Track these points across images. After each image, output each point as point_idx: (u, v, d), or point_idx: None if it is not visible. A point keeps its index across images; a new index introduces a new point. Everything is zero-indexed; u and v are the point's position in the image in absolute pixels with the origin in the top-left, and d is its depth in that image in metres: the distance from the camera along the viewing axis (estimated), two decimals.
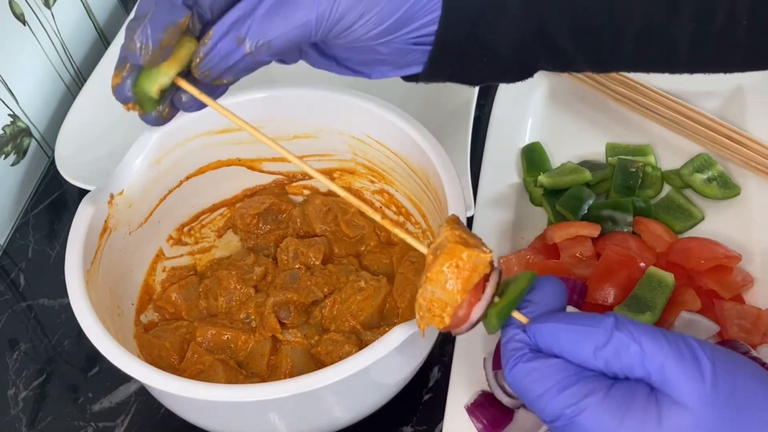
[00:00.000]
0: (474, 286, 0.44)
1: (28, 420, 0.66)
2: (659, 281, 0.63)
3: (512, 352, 0.43)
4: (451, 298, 0.44)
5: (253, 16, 0.43)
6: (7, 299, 0.74)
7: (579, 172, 0.72)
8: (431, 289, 0.44)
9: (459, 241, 0.44)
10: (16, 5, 0.78)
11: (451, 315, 0.44)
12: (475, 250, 0.44)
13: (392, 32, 0.45)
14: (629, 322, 0.41)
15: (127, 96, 0.45)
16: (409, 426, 0.63)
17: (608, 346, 0.41)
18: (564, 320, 0.43)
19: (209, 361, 0.60)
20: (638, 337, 0.41)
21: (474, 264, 0.44)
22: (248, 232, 0.69)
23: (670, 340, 0.41)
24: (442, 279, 0.44)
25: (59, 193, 0.82)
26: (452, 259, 0.44)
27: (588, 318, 0.42)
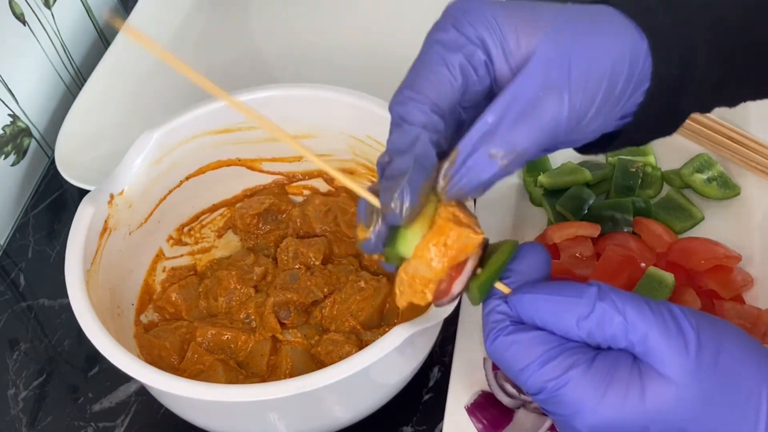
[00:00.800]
0: (458, 262, 0.43)
1: (28, 420, 0.66)
2: (659, 281, 0.63)
3: (493, 324, 0.43)
4: (434, 276, 0.43)
5: (501, 127, 0.41)
6: (7, 299, 0.74)
7: (579, 172, 0.72)
8: (415, 265, 0.43)
9: (451, 219, 0.42)
10: (16, 5, 0.78)
11: (433, 291, 0.43)
12: (466, 230, 0.42)
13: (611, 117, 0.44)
14: (612, 292, 0.41)
15: (376, 250, 0.44)
16: (409, 426, 0.63)
17: (591, 317, 0.40)
18: (546, 290, 0.42)
19: (209, 361, 0.60)
20: (622, 308, 0.40)
21: (463, 244, 0.42)
22: (248, 232, 0.69)
23: (655, 310, 0.40)
24: (428, 256, 0.42)
25: (59, 193, 0.82)
26: (441, 236, 0.42)
27: (570, 288, 0.41)
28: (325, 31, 0.89)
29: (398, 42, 0.87)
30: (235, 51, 0.89)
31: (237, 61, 0.88)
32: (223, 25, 0.92)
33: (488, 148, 0.41)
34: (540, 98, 0.41)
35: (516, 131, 0.41)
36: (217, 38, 0.90)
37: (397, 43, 0.87)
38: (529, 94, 0.41)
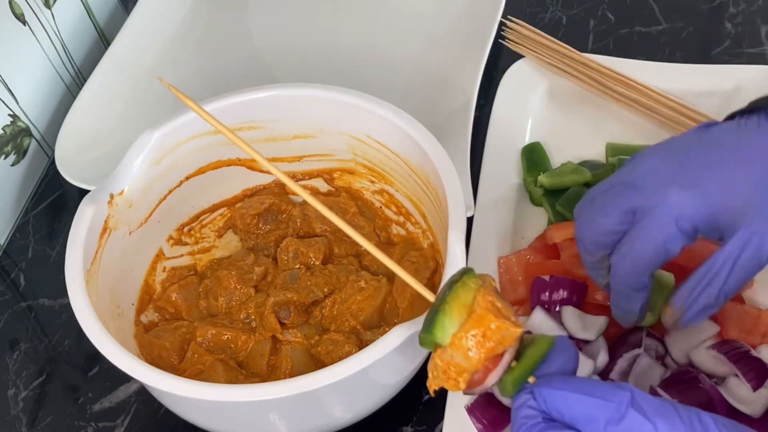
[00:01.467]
0: (496, 354, 0.43)
1: (28, 420, 0.66)
2: (660, 282, 0.63)
3: (524, 420, 0.42)
4: (470, 366, 0.42)
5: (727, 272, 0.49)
6: (7, 299, 0.74)
7: (579, 172, 0.72)
8: (451, 353, 0.43)
9: (490, 309, 0.42)
10: (16, 5, 0.78)
11: (467, 381, 0.43)
12: (506, 323, 0.42)
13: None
14: (643, 400, 0.41)
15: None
16: (409, 426, 0.63)
17: (622, 424, 0.40)
18: (577, 388, 0.42)
19: (209, 361, 0.60)
20: (652, 417, 0.40)
21: (501, 336, 0.42)
22: (248, 232, 0.69)
23: (685, 420, 0.40)
24: (465, 346, 0.42)
25: (59, 193, 0.82)
26: (480, 327, 0.42)
27: (602, 388, 0.41)
28: (325, 31, 0.89)
29: (398, 42, 0.87)
30: (235, 51, 0.89)
31: (237, 61, 0.88)
32: (223, 25, 0.92)
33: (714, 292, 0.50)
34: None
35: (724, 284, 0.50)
36: (217, 38, 0.90)
37: (397, 43, 0.87)
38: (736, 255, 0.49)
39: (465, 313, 0.43)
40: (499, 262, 0.68)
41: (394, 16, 0.89)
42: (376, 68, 0.85)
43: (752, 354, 0.59)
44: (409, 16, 0.89)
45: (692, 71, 0.79)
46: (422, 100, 0.80)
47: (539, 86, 0.80)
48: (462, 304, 0.43)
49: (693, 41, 0.86)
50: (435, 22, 0.88)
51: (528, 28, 0.83)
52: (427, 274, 0.63)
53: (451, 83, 0.80)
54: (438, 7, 0.89)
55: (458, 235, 0.55)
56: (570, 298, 0.63)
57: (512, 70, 0.80)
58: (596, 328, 0.62)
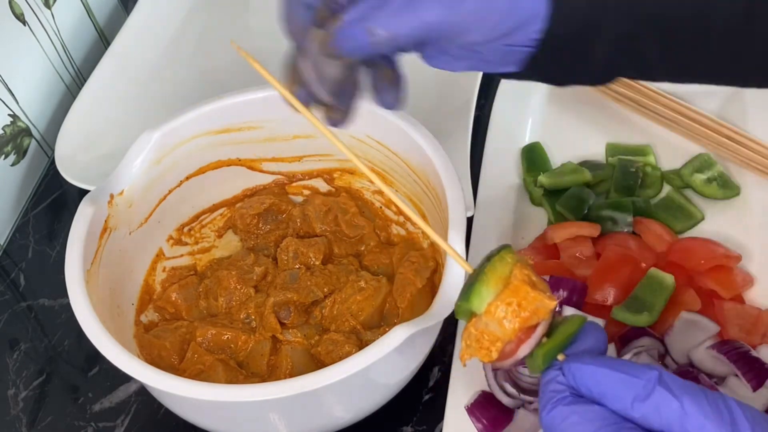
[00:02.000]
0: (529, 326, 0.43)
1: (28, 420, 0.66)
2: (659, 283, 0.63)
3: (552, 394, 0.43)
4: (504, 334, 0.43)
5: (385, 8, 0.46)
6: (7, 299, 0.74)
7: (579, 172, 0.72)
8: (486, 321, 0.43)
9: (526, 281, 0.43)
10: (16, 5, 0.78)
11: (500, 350, 0.44)
12: (541, 295, 0.43)
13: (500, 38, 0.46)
14: (672, 379, 0.41)
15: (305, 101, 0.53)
16: (409, 426, 0.63)
17: (648, 401, 0.40)
18: (607, 365, 0.42)
19: (209, 361, 0.60)
20: (680, 396, 0.40)
21: (536, 308, 0.43)
22: (248, 232, 0.69)
23: (711, 401, 0.40)
24: (500, 314, 0.43)
25: (59, 193, 0.82)
26: (516, 297, 0.43)
27: (631, 366, 0.42)
28: None
29: None
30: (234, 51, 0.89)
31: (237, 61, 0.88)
32: (222, 25, 0.92)
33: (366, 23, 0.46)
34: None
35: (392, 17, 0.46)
36: (216, 38, 0.90)
37: None
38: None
39: (501, 284, 0.44)
40: None
41: None
42: None
43: (752, 354, 0.59)
44: None
45: None
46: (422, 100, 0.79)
47: (539, 86, 0.80)
48: (499, 276, 0.44)
49: None
50: None
51: None
52: (427, 274, 0.63)
53: (451, 83, 0.80)
54: None
55: (458, 235, 0.55)
56: (570, 298, 0.63)
57: None
58: None
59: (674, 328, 0.62)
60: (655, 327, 0.63)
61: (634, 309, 0.63)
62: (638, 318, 0.62)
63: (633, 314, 0.62)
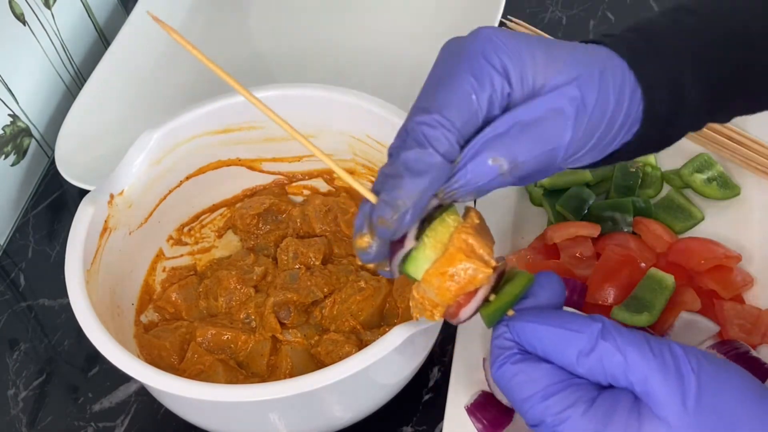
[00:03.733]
0: (468, 291, 0.43)
1: (28, 420, 0.66)
2: (659, 282, 0.63)
3: (500, 350, 0.43)
4: (442, 301, 0.44)
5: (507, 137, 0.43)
6: (7, 299, 0.74)
7: (579, 172, 0.72)
8: (425, 288, 0.44)
9: (463, 248, 0.43)
10: (16, 5, 0.78)
11: (441, 313, 0.44)
12: (477, 263, 0.43)
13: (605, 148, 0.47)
14: (616, 330, 0.41)
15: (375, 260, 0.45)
16: (409, 426, 0.63)
17: (592, 354, 0.41)
18: (549, 321, 0.42)
19: (209, 361, 0.60)
20: (623, 347, 0.40)
21: (472, 276, 0.43)
22: (248, 232, 0.69)
23: (656, 351, 0.40)
24: (436, 283, 0.43)
25: (59, 193, 0.82)
26: (449, 266, 0.43)
27: (575, 321, 0.42)
28: (325, 31, 0.89)
29: (398, 42, 0.87)
30: (235, 51, 0.89)
31: (237, 61, 0.88)
32: (223, 25, 0.92)
33: (490, 154, 0.43)
34: (548, 121, 0.43)
35: (519, 143, 0.43)
36: (217, 38, 0.90)
37: (397, 43, 0.87)
38: (539, 115, 0.43)
39: (440, 250, 0.44)
40: None
41: (395, 16, 0.89)
42: (376, 68, 0.85)
43: (752, 354, 0.59)
44: (409, 16, 0.89)
45: None
46: None
47: None
48: (438, 241, 0.44)
49: None
50: (435, 22, 0.88)
51: (528, 28, 0.83)
52: None
53: None
54: (438, 7, 0.89)
55: None
56: (570, 298, 0.63)
57: None
58: None
59: (674, 328, 0.62)
60: (655, 327, 0.63)
61: (634, 309, 0.63)
62: (638, 318, 0.62)
63: (633, 314, 0.62)
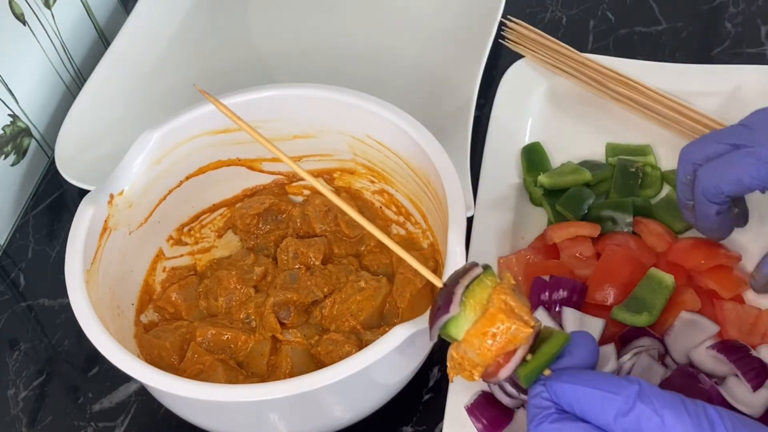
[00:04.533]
0: (508, 351, 0.44)
1: (28, 420, 0.66)
2: (659, 282, 0.63)
3: (537, 410, 0.44)
4: (482, 361, 0.45)
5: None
6: (7, 299, 0.74)
7: (579, 172, 0.72)
8: (465, 348, 0.45)
9: (503, 308, 0.44)
10: (16, 5, 0.78)
11: (481, 373, 0.45)
12: (517, 323, 0.44)
13: None
14: (652, 392, 0.42)
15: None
16: (409, 426, 0.63)
17: (629, 415, 0.41)
18: (587, 382, 0.43)
19: (209, 361, 0.60)
20: (660, 410, 0.41)
21: (512, 336, 0.44)
22: (248, 232, 0.69)
23: (692, 413, 0.41)
24: (477, 343, 0.44)
25: (59, 193, 0.82)
26: (491, 326, 0.44)
27: (612, 382, 0.42)
28: (325, 32, 0.89)
29: (398, 42, 0.87)
30: (235, 51, 0.89)
31: (237, 61, 0.88)
32: (223, 25, 0.92)
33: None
34: None
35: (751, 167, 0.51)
36: (217, 38, 0.90)
37: (397, 43, 0.87)
38: None
39: (480, 311, 0.45)
40: (499, 262, 0.68)
41: (394, 16, 0.89)
42: (375, 68, 0.85)
43: (752, 354, 0.59)
44: (409, 16, 0.89)
45: (692, 71, 0.79)
46: (422, 100, 0.80)
47: (539, 86, 0.80)
48: (477, 302, 0.45)
49: (693, 41, 0.86)
50: (435, 22, 0.88)
51: (528, 28, 0.83)
52: None
53: (451, 83, 0.80)
54: (438, 7, 0.89)
55: (458, 235, 0.55)
56: (570, 298, 0.63)
57: (512, 70, 0.80)
58: (596, 331, 0.62)
59: (674, 328, 0.62)
60: (655, 327, 0.63)
61: (634, 309, 0.63)
62: (638, 318, 0.62)
63: (633, 314, 0.62)
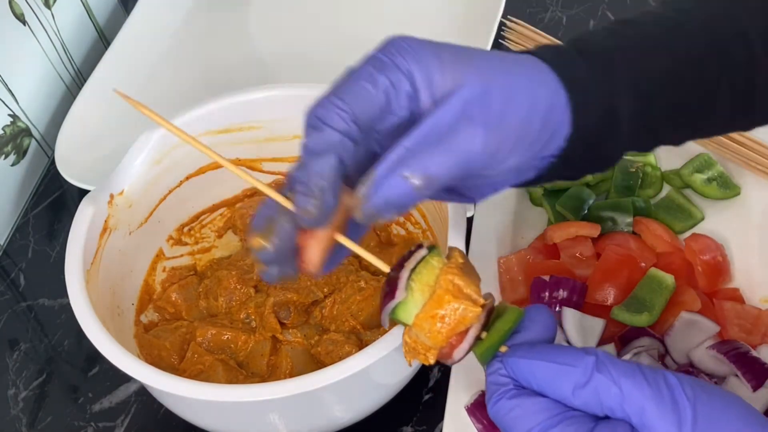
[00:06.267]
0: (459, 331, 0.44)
1: (28, 420, 0.66)
2: (659, 282, 0.63)
3: (496, 387, 0.43)
4: (434, 344, 0.44)
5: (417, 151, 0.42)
6: (7, 299, 0.74)
7: None
8: (416, 332, 0.44)
9: (450, 289, 0.43)
10: (16, 5, 0.78)
11: (435, 356, 0.45)
12: (465, 302, 0.43)
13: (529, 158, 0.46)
14: (610, 362, 0.41)
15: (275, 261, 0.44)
16: (409, 426, 0.63)
17: (587, 387, 0.41)
18: (543, 356, 0.42)
19: (209, 361, 0.60)
20: (618, 379, 0.41)
21: (461, 316, 0.43)
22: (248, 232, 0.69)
23: (651, 381, 0.41)
24: (427, 327, 0.44)
25: (59, 193, 0.82)
26: (438, 308, 0.43)
27: (568, 354, 0.42)
28: (325, 31, 0.89)
29: None
30: (235, 51, 0.89)
31: (237, 61, 0.88)
32: (223, 25, 0.92)
33: (403, 170, 0.42)
34: (457, 128, 0.43)
35: (430, 157, 0.42)
36: (217, 38, 0.90)
37: None
38: (447, 124, 0.43)
39: (427, 293, 0.44)
40: (499, 262, 0.68)
41: (395, 16, 0.89)
42: None
43: (752, 354, 0.59)
44: (410, 16, 0.89)
45: None
46: None
47: None
48: (424, 284, 0.44)
49: None
50: (435, 22, 0.88)
51: (528, 28, 0.83)
52: None
53: None
54: (438, 7, 0.89)
55: (458, 235, 0.55)
56: (570, 298, 0.63)
57: None
58: (596, 332, 0.62)
59: (674, 328, 0.62)
60: (655, 327, 0.63)
61: (634, 309, 0.63)
62: (638, 318, 0.62)
63: (633, 314, 0.62)
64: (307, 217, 0.42)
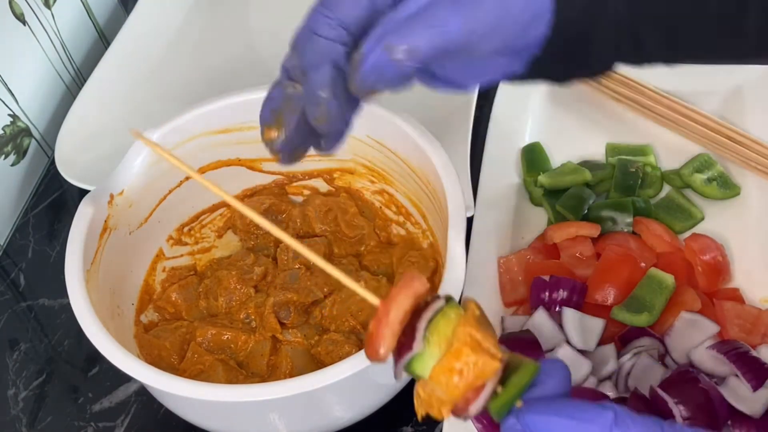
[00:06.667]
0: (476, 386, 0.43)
1: (28, 420, 0.66)
2: (659, 282, 0.63)
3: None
4: (450, 397, 0.43)
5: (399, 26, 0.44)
6: (7, 299, 0.74)
7: (579, 172, 0.72)
8: (432, 386, 0.43)
9: (468, 342, 0.42)
10: (16, 5, 0.78)
11: (449, 411, 0.44)
12: (484, 357, 0.42)
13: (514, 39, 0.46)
14: (629, 417, 0.41)
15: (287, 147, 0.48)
16: (409, 426, 0.63)
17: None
18: (560, 412, 0.42)
19: (209, 361, 0.60)
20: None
21: (479, 370, 0.42)
22: (248, 232, 0.69)
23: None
24: (443, 380, 0.43)
25: (59, 193, 0.82)
26: (458, 361, 0.42)
27: (586, 410, 0.41)
28: None
29: None
30: (235, 51, 0.89)
31: (237, 61, 0.88)
32: (223, 25, 0.92)
33: (386, 42, 0.44)
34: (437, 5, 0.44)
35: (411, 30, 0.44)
36: (217, 38, 0.90)
37: None
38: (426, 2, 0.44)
39: (444, 346, 0.43)
40: (499, 262, 0.68)
41: None
42: None
43: (752, 354, 0.59)
44: None
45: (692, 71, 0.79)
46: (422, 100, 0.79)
47: (539, 86, 0.80)
48: (441, 337, 0.43)
49: None
50: None
51: None
52: (428, 274, 0.63)
53: None
54: None
55: (458, 235, 0.55)
56: (570, 298, 0.63)
57: None
58: (595, 332, 0.62)
59: (674, 328, 0.62)
60: (655, 327, 0.63)
61: (634, 309, 0.63)
62: (638, 318, 0.62)
63: (633, 314, 0.62)
64: (321, 125, 0.46)
